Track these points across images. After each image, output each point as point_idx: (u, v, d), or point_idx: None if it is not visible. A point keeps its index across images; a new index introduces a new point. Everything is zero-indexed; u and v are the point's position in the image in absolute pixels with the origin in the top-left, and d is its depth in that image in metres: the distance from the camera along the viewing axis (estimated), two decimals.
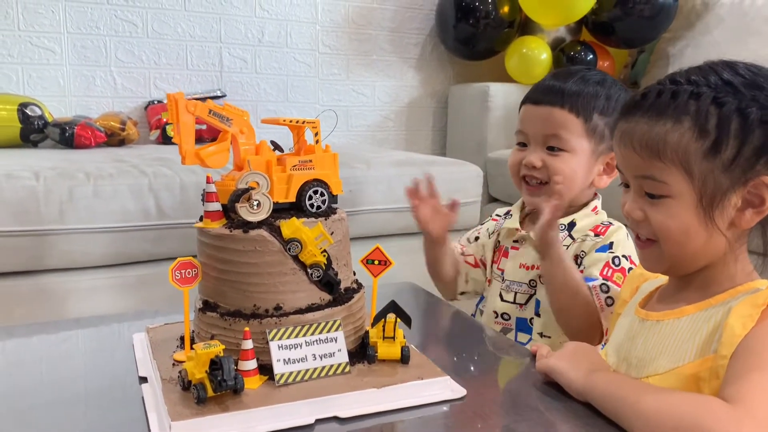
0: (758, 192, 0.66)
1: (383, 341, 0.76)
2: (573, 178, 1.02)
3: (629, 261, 0.98)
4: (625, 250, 0.98)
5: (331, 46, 2.48)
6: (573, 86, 1.01)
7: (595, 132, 1.01)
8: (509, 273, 1.08)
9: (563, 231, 1.04)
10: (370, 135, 2.62)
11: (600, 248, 0.99)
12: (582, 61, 2.42)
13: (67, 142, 1.83)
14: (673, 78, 0.71)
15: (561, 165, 1.01)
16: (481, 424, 0.66)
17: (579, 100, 1.00)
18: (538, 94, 1.04)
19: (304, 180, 0.77)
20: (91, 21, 2.08)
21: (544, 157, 1.02)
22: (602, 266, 0.97)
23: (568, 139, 1.01)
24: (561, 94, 1.01)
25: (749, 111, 0.65)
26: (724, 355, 0.63)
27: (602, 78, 1.04)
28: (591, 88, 1.02)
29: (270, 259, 0.72)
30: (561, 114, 1.01)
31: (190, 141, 0.76)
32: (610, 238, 1.00)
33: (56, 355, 0.89)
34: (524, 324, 1.06)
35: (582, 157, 1.01)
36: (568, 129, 1.00)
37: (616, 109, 0.98)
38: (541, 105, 1.03)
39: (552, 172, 1.01)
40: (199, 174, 1.43)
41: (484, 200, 2.15)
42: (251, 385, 0.68)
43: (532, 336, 1.06)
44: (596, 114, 1.01)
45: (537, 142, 1.04)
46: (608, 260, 0.97)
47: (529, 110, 1.05)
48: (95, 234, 1.33)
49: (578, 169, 1.02)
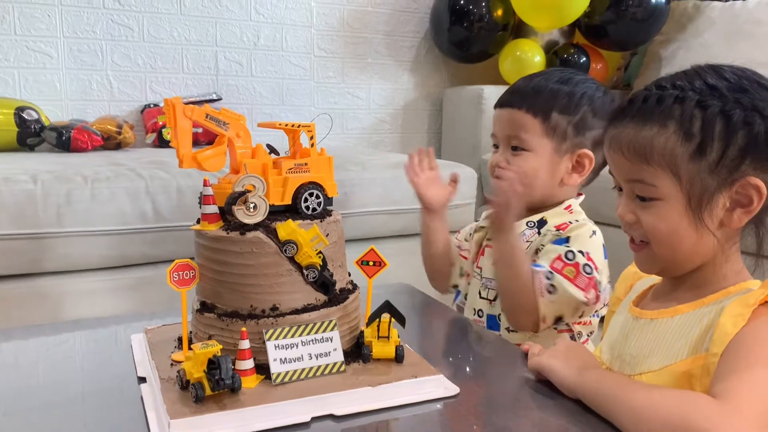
0: (745, 192, 0.67)
1: (378, 341, 0.77)
2: (534, 175, 1.04)
3: (586, 257, 0.96)
4: (582, 246, 0.98)
5: (326, 50, 2.50)
6: (532, 88, 1.05)
7: (555, 131, 1.03)
8: (486, 270, 1.09)
9: (533, 228, 1.05)
10: (366, 137, 2.64)
11: (556, 241, 1.00)
12: (575, 63, 2.44)
13: (63, 146, 1.84)
14: (659, 83, 0.72)
15: (521, 163, 1.04)
16: (474, 421, 0.67)
17: (537, 100, 1.03)
18: (504, 96, 1.09)
19: (299, 183, 0.78)
20: (87, 25, 2.09)
21: (509, 157, 1.06)
22: (554, 257, 0.97)
23: (527, 139, 1.04)
24: (520, 96, 1.05)
25: (733, 113, 0.66)
26: (715, 353, 0.64)
27: (569, 77, 1.06)
28: (551, 87, 1.04)
29: (266, 260, 0.73)
30: (519, 115, 1.04)
31: (188, 145, 0.77)
32: (570, 233, 1.00)
33: (55, 357, 0.89)
34: (493, 320, 1.07)
35: (543, 155, 1.04)
36: (526, 129, 1.04)
37: (581, 105, 1.02)
38: (504, 108, 1.07)
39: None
40: (195, 177, 1.44)
41: (479, 201, 2.16)
42: (248, 384, 0.69)
43: (500, 332, 1.06)
44: (555, 113, 1.03)
45: (504, 143, 1.08)
46: (561, 253, 0.97)
47: (496, 114, 1.09)
48: (93, 237, 1.34)
49: (539, 167, 1.04)
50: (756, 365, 0.61)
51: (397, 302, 0.78)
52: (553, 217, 1.05)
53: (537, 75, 1.09)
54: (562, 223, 1.04)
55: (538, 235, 1.04)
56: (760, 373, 0.60)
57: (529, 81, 1.07)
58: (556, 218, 1.05)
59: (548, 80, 1.05)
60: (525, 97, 1.04)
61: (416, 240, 1.74)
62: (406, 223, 1.71)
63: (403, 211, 1.69)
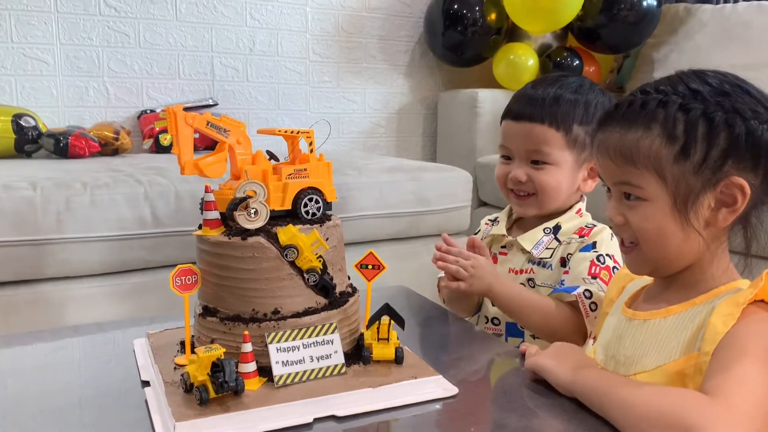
0: (730, 192, 0.69)
1: (378, 342, 0.78)
2: (558, 188, 1.04)
3: (613, 260, 1.00)
4: (609, 250, 1.01)
5: (321, 54, 2.51)
6: (551, 99, 1.02)
7: (576, 142, 1.03)
8: None
9: (549, 234, 1.06)
10: (361, 142, 2.65)
11: (584, 248, 1.02)
12: (568, 66, 2.46)
13: (61, 152, 1.84)
14: (643, 88, 0.74)
15: (546, 178, 1.03)
16: (473, 421, 0.68)
17: (558, 113, 1.01)
18: (518, 107, 1.05)
19: (299, 188, 0.79)
20: (83, 32, 2.10)
21: (529, 171, 1.04)
22: (589, 264, 0.99)
23: (550, 153, 1.02)
24: (540, 109, 1.02)
25: (714, 116, 0.68)
26: (707, 351, 0.66)
27: (579, 84, 1.05)
28: (569, 97, 1.02)
29: (268, 265, 0.74)
30: (541, 129, 1.02)
31: (189, 152, 0.78)
32: (594, 238, 1.02)
33: (56, 363, 0.90)
34: (514, 328, 1.08)
35: (565, 167, 1.03)
36: (549, 143, 1.02)
37: (596, 114, 1.01)
38: (521, 121, 1.04)
39: (538, 186, 1.04)
40: (193, 183, 1.45)
41: (474, 205, 2.18)
42: (251, 387, 0.70)
43: (524, 339, 1.07)
44: (575, 125, 1.02)
45: (521, 157, 1.05)
46: (593, 258, 0.99)
47: (510, 126, 1.06)
48: (92, 243, 1.34)
49: (563, 179, 1.04)
50: (746, 361, 0.62)
51: (395, 305, 0.79)
52: (566, 222, 1.07)
53: (545, 84, 1.06)
54: (581, 227, 1.05)
55: (556, 241, 1.06)
56: (749, 369, 0.62)
57: (542, 91, 1.04)
58: (570, 223, 1.06)
59: (563, 90, 1.03)
60: (545, 109, 1.02)
61: (413, 243, 1.76)
62: (402, 226, 1.72)
63: (399, 214, 1.70)
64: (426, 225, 1.75)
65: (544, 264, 1.06)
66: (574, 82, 1.06)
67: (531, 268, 1.07)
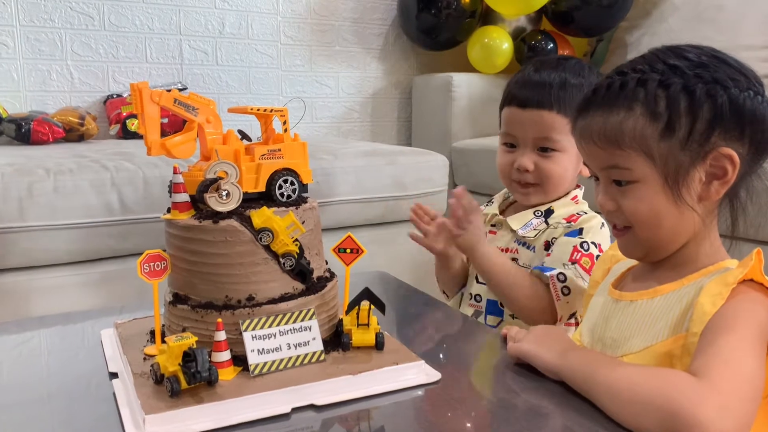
0: (719, 163, 0.68)
1: (357, 328, 0.76)
2: (564, 176, 1.03)
3: (598, 249, 0.99)
4: (595, 238, 1.00)
5: (293, 37, 2.46)
6: (558, 85, 1.00)
7: None
8: None
9: (540, 217, 1.06)
10: (336, 126, 2.61)
11: (570, 233, 1.01)
12: (543, 50, 2.45)
13: (23, 138, 1.78)
14: (620, 70, 0.73)
15: (553, 165, 1.02)
16: (457, 406, 0.67)
17: (566, 98, 0.99)
18: (524, 94, 1.02)
19: (273, 169, 0.76)
20: (44, 13, 2.02)
21: (536, 159, 1.03)
22: (571, 249, 0.99)
23: (560, 140, 1.01)
24: (548, 95, 1.00)
25: (695, 88, 0.67)
26: (695, 332, 0.65)
27: (580, 67, 1.04)
28: (574, 82, 1.01)
29: (241, 249, 0.71)
30: (550, 116, 1.00)
31: (156, 132, 0.74)
32: (582, 224, 1.02)
33: (20, 355, 0.86)
34: (494, 306, 1.08)
35: (572, 153, 1.02)
36: (557, 130, 1.00)
37: None
38: (528, 108, 1.02)
39: (544, 175, 1.03)
40: (162, 167, 1.41)
41: (450, 189, 2.16)
42: (225, 377, 0.67)
43: (503, 318, 1.07)
44: None
45: (527, 144, 1.03)
46: (576, 244, 0.99)
47: (515, 114, 1.04)
48: (57, 231, 1.30)
49: (569, 165, 1.03)
50: (733, 340, 0.62)
51: (375, 290, 0.77)
52: (560, 207, 1.06)
53: (548, 67, 1.03)
54: (571, 214, 1.04)
55: (545, 225, 1.05)
56: (737, 348, 0.61)
57: (547, 75, 1.01)
58: (564, 209, 1.06)
59: (568, 73, 1.01)
60: (553, 95, 1.00)
61: (391, 228, 1.74)
62: (379, 211, 1.70)
63: (376, 199, 1.68)
64: (403, 210, 1.73)
65: (528, 245, 1.05)
66: (576, 64, 1.05)
67: (516, 248, 1.07)
